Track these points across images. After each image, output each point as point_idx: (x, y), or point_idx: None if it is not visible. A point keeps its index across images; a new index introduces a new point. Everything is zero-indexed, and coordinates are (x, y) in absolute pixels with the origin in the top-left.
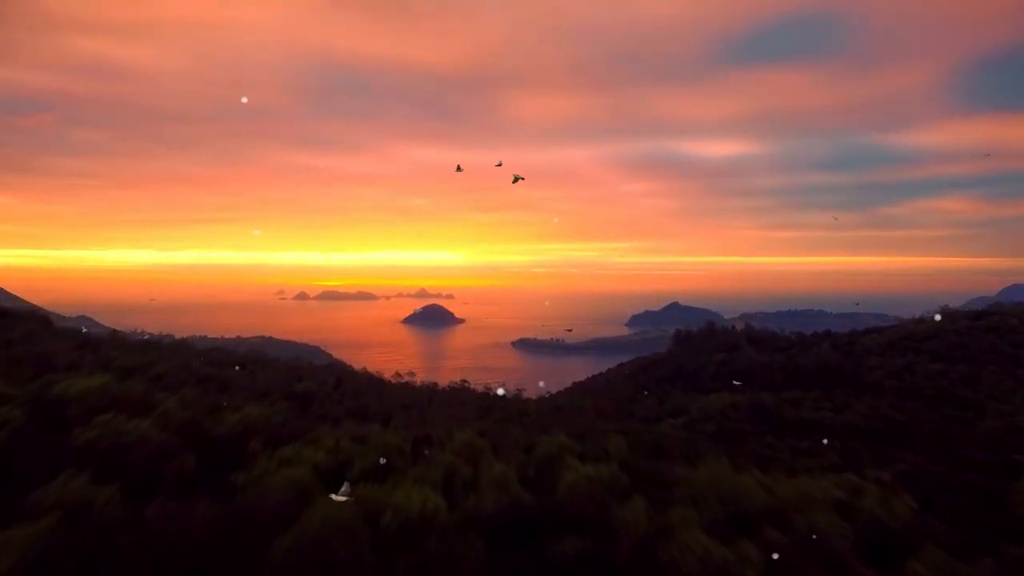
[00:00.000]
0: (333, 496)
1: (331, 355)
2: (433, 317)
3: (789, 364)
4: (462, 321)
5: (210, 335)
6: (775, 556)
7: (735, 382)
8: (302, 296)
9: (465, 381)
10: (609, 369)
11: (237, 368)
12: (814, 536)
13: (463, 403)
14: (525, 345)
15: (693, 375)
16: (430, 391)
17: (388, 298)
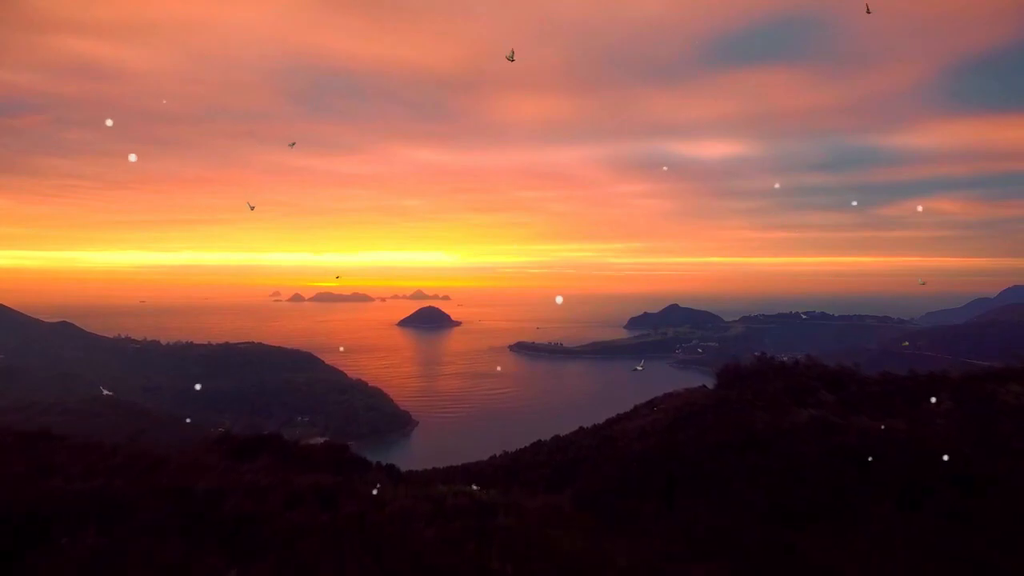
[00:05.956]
0: None
1: (323, 361)
2: (429, 319)
3: (919, 439)
4: (459, 324)
5: (196, 341)
6: None
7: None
8: (297, 298)
9: (466, 487)
10: (636, 407)
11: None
12: None
13: None
14: (523, 349)
15: (774, 451)
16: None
17: (384, 299)
